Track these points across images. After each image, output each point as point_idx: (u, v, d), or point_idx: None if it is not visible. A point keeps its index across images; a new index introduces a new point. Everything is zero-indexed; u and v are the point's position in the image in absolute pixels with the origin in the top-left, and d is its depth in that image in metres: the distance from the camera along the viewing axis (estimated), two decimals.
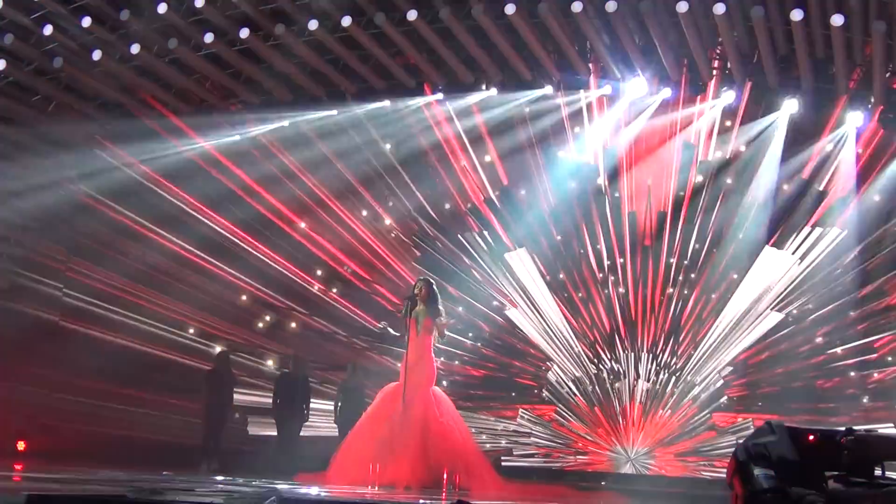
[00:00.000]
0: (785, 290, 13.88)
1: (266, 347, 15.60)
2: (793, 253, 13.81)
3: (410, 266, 14.98)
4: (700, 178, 14.33)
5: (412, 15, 12.42)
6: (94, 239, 14.97)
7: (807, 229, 13.74)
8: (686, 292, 14.33)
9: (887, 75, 12.46)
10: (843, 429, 3.10)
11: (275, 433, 14.12)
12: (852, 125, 13.20)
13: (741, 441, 3.36)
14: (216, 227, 15.06)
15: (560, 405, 14.51)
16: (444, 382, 13.10)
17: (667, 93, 13.79)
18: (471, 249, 14.99)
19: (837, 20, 11.39)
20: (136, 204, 14.91)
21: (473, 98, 14.26)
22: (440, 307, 10.62)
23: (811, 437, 3.29)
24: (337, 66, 13.86)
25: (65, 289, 15.17)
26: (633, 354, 14.31)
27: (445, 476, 9.99)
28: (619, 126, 14.29)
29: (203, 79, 14.21)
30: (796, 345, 13.80)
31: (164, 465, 13.79)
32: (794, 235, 13.81)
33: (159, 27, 13.06)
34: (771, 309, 13.90)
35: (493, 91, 14.09)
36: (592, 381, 14.42)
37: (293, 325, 15.70)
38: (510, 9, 12.05)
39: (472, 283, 14.94)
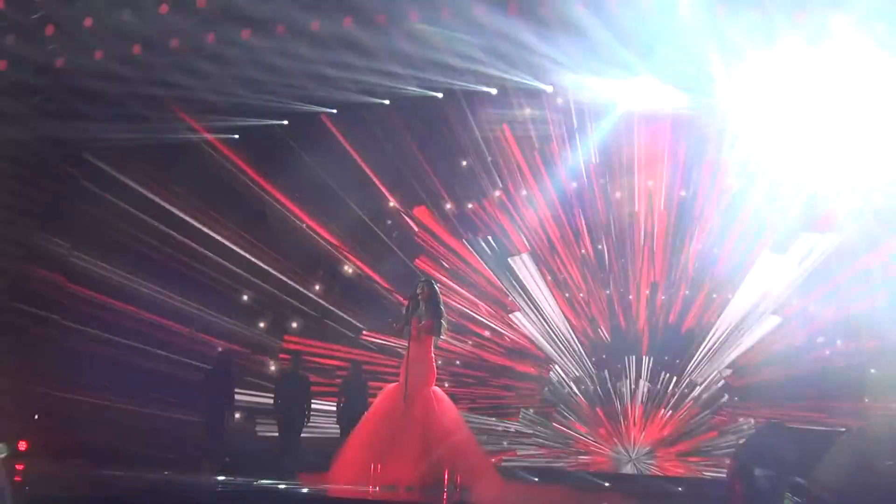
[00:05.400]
0: (785, 291, 13.87)
1: (267, 347, 15.58)
2: (791, 257, 13.79)
3: (411, 266, 14.97)
4: (700, 178, 14.31)
5: (413, 14, 12.42)
6: (97, 234, 15.00)
7: (805, 233, 13.73)
8: (688, 293, 14.31)
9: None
10: (843, 429, 3.10)
11: (276, 433, 14.10)
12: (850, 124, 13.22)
13: (742, 441, 3.36)
14: (217, 226, 15.08)
15: (561, 405, 14.50)
16: (445, 383, 13.08)
17: (667, 92, 13.81)
18: (471, 249, 14.98)
19: (836, 20, 11.39)
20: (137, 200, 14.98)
21: (474, 98, 14.28)
22: (441, 308, 10.63)
23: (811, 437, 3.30)
24: (337, 66, 13.88)
25: (66, 286, 15.20)
26: (634, 355, 14.30)
27: (446, 476, 9.98)
28: (621, 126, 14.29)
29: (202, 78, 14.23)
30: (797, 345, 13.78)
31: (165, 465, 13.81)
32: (794, 239, 13.80)
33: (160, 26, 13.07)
34: (771, 310, 13.89)
35: (494, 91, 14.12)
36: (594, 381, 14.41)
37: (294, 324, 15.68)
38: (511, 9, 12.06)
39: (473, 282, 14.94)
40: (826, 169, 13.66)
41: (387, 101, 14.50)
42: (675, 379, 14.15)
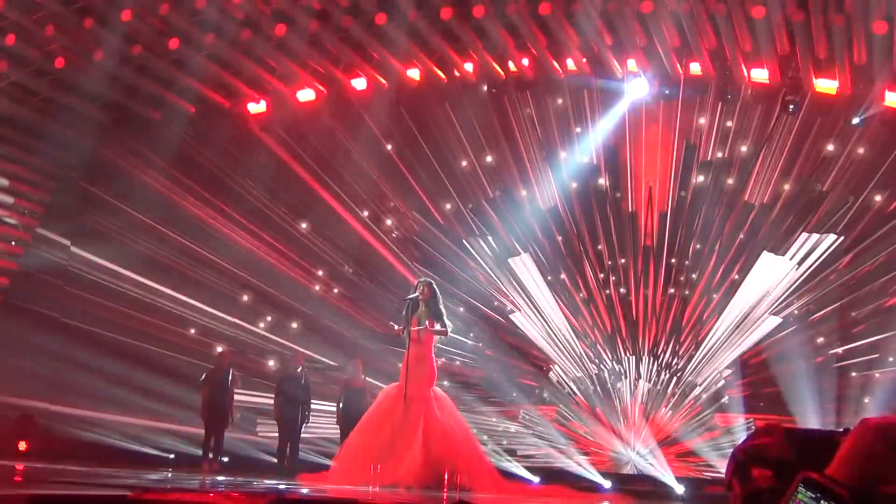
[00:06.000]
0: (785, 292, 13.87)
1: (268, 347, 15.58)
2: (790, 258, 13.79)
3: (411, 266, 14.98)
4: (701, 179, 14.31)
5: (414, 14, 12.44)
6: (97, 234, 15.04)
7: (805, 234, 13.71)
8: (687, 293, 14.31)
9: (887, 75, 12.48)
10: (842, 429, 3.10)
11: (276, 433, 14.12)
12: (852, 125, 13.24)
13: (740, 442, 3.36)
14: (218, 226, 15.10)
15: (561, 405, 14.49)
16: (445, 382, 13.09)
17: (667, 93, 13.82)
18: (471, 250, 14.98)
19: (838, 21, 11.41)
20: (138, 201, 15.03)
21: (475, 98, 14.31)
22: (441, 307, 10.63)
23: (810, 438, 3.29)
24: (338, 65, 13.90)
25: (66, 286, 15.23)
26: (634, 355, 14.30)
27: (446, 476, 9.99)
28: (620, 126, 14.30)
29: (204, 78, 14.26)
30: (797, 345, 13.77)
31: (165, 465, 13.83)
32: (793, 239, 13.78)
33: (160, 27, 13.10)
34: (771, 311, 13.88)
35: (495, 91, 14.15)
36: (594, 381, 14.41)
37: (294, 325, 15.69)
38: (511, 9, 12.08)
39: (472, 283, 14.93)
40: (826, 168, 13.69)
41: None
42: (675, 379, 14.15)
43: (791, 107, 13.11)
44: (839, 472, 2.62)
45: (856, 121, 13.10)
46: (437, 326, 10.48)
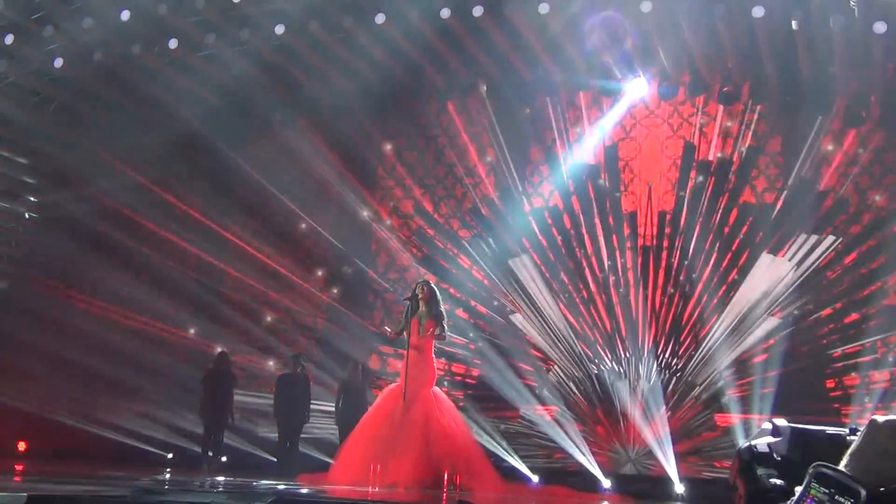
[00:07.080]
0: (785, 292, 13.86)
1: (267, 347, 15.57)
2: (790, 259, 13.78)
3: (411, 266, 14.97)
4: (701, 178, 14.31)
5: (412, 15, 12.44)
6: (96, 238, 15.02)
7: (804, 235, 13.70)
8: (687, 292, 14.30)
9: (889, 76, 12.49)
10: (847, 429, 3.09)
11: (276, 433, 14.11)
12: (850, 126, 13.26)
13: (745, 441, 3.36)
14: (218, 226, 15.09)
15: (561, 405, 14.47)
16: (445, 383, 13.08)
17: (667, 93, 13.82)
18: (471, 250, 14.97)
19: (837, 21, 11.42)
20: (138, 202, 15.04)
21: (474, 98, 14.31)
22: (441, 308, 10.63)
23: (817, 438, 3.29)
24: (336, 67, 13.90)
25: (65, 286, 15.23)
26: (633, 355, 14.29)
27: (446, 476, 9.98)
28: (620, 126, 14.30)
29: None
30: (797, 345, 13.77)
31: (165, 466, 13.82)
32: (793, 240, 13.78)
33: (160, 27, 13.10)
34: (771, 311, 13.87)
35: (495, 91, 14.16)
36: (593, 381, 14.40)
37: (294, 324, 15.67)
38: (511, 9, 12.08)
39: (472, 283, 14.92)
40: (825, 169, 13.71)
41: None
42: (674, 379, 14.14)
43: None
44: (850, 468, 2.60)
45: None
46: (437, 331, 10.49)
